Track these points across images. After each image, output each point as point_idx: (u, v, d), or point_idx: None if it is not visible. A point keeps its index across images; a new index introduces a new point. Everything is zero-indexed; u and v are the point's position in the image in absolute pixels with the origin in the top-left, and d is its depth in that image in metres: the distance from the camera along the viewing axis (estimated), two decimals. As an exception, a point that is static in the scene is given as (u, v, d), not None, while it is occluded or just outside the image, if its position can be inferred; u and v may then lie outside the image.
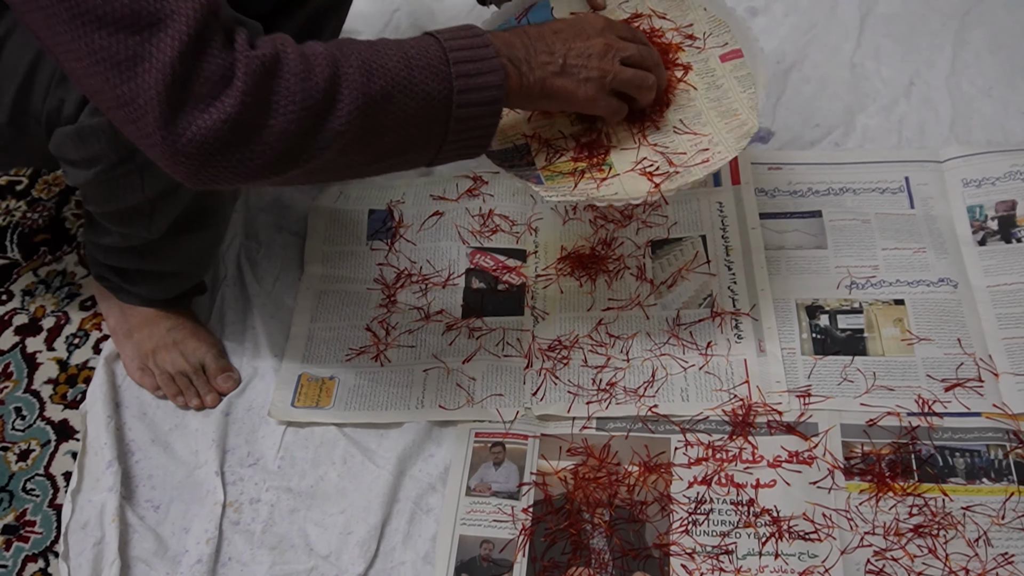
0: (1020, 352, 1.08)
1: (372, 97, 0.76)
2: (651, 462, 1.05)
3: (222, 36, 0.70)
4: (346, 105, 0.75)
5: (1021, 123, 1.30)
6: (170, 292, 1.17)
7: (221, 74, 0.69)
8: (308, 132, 0.74)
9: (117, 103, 0.69)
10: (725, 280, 1.18)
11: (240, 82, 0.70)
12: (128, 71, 0.68)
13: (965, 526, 0.97)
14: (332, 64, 0.74)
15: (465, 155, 0.87)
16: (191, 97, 0.69)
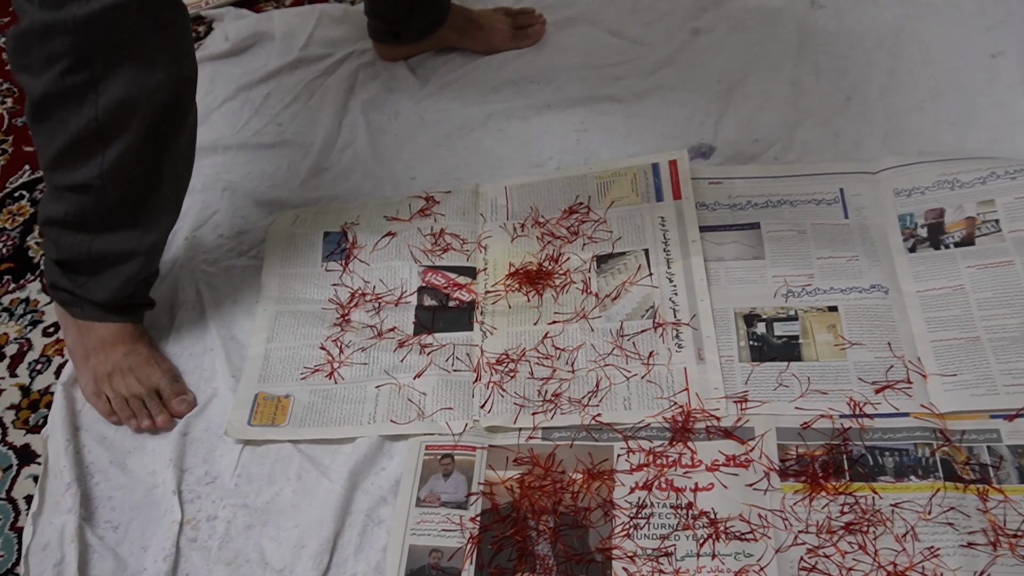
0: (947, 354, 1.12)
1: None
2: (594, 469, 1.09)
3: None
4: None
5: (951, 134, 1.35)
6: (119, 291, 1.18)
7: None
8: None
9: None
10: (667, 292, 1.22)
11: None
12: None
13: (893, 522, 1.01)
14: None
15: None
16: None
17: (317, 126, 1.54)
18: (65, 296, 1.19)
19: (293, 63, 1.64)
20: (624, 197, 1.33)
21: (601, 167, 1.38)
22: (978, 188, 1.25)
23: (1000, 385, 1.08)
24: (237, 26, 1.69)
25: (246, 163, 1.50)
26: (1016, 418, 1.05)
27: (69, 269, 1.16)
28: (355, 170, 1.46)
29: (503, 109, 1.51)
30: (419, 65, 1.60)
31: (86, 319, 1.20)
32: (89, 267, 1.15)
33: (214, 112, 1.58)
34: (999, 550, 0.97)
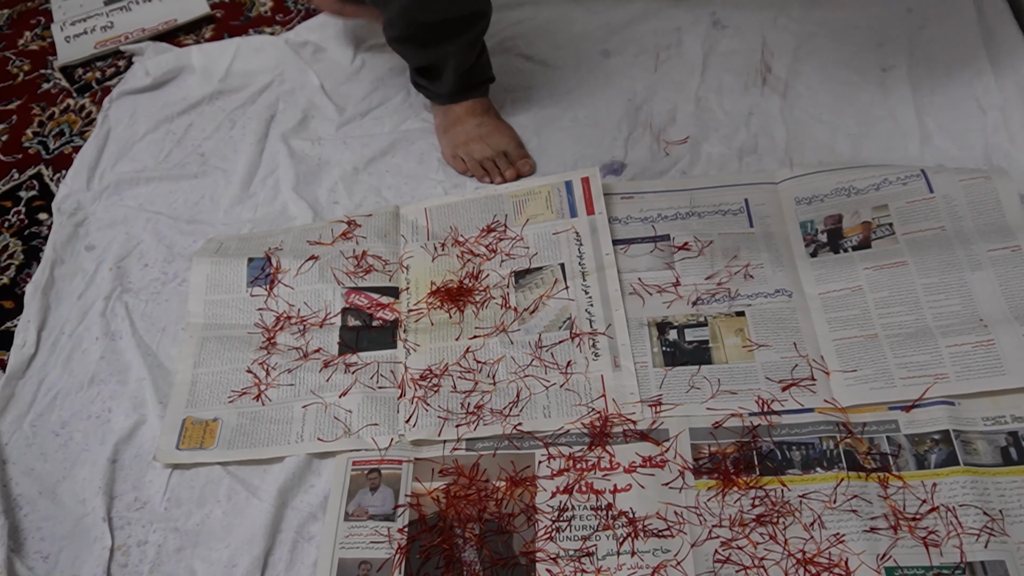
0: (848, 351, 1.18)
1: None
2: (517, 476, 1.13)
3: None
4: None
5: (847, 144, 1.42)
6: (456, 84, 1.44)
7: None
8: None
9: None
10: (583, 303, 1.26)
11: None
12: None
13: (802, 512, 1.06)
14: None
15: None
16: None
17: (239, 155, 1.56)
18: (424, 91, 1.49)
19: (213, 94, 1.66)
20: (539, 214, 1.37)
21: (516, 186, 1.42)
22: (872, 194, 1.32)
23: (897, 378, 1.14)
24: (157, 60, 1.71)
25: (169, 193, 1.52)
26: (913, 409, 1.11)
27: (419, 74, 1.45)
28: (277, 197, 1.49)
29: (422, 132, 1.54)
30: (335, 91, 1.63)
31: (443, 103, 1.48)
32: (429, 72, 1.43)
33: (136, 144, 1.60)
34: (899, 533, 1.02)
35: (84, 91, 1.74)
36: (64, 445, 1.23)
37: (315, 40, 1.71)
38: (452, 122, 1.48)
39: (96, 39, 1.81)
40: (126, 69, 1.75)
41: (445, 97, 1.47)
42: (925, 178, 1.31)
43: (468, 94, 1.47)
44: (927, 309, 1.19)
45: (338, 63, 1.68)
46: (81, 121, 1.69)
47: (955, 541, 1.00)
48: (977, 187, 1.28)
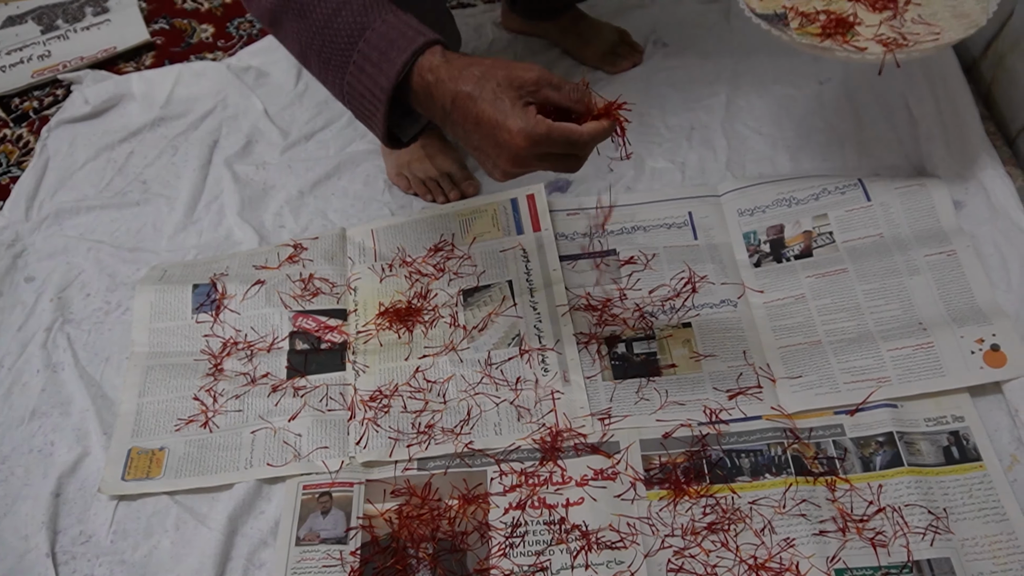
0: (793, 358, 1.20)
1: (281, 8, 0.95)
2: (469, 494, 1.12)
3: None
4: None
5: (787, 156, 1.45)
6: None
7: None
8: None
9: None
10: (531, 320, 1.27)
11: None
12: None
13: (752, 519, 1.07)
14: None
15: (377, 135, 0.96)
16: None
17: (182, 181, 1.55)
18: None
19: (155, 121, 1.65)
20: (486, 232, 1.38)
21: (463, 205, 1.43)
22: (812, 204, 1.34)
23: (841, 383, 1.15)
24: (96, 89, 1.69)
25: (111, 222, 1.50)
26: (857, 412, 1.13)
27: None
28: (222, 222, 1.48)
29: (367, 154, 1.54)
30: (279, 115, 1.63)
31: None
32: None
33: (76, 173, 1.58)
34: (848, 535, 1.04)
35: (21, 121, 1.72)
36: (5, 480, 1.20)
37: (258, 65, 1.71)
38: None
39: (33, 68, 1.79)
40: (64, 98, 1.73)
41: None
42: (862, 187, 1.33)
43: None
44: (868, 315, 1.21)
45: (281, 87, 1.68)
46: (19, 151, 1.66)
47: (902, 540, 1.02)
48: (912, 194, 1.31)
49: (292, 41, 0.97)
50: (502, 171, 0.90)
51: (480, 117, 0.87)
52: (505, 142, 0.87)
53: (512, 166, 0.89)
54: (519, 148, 0.86)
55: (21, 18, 1.89)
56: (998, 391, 1.13)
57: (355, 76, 0.91)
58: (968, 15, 1.17)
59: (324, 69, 0.95)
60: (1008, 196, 1.28)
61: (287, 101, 1.65)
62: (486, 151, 0.90)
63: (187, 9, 1.91)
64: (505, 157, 0.88)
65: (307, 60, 0.97)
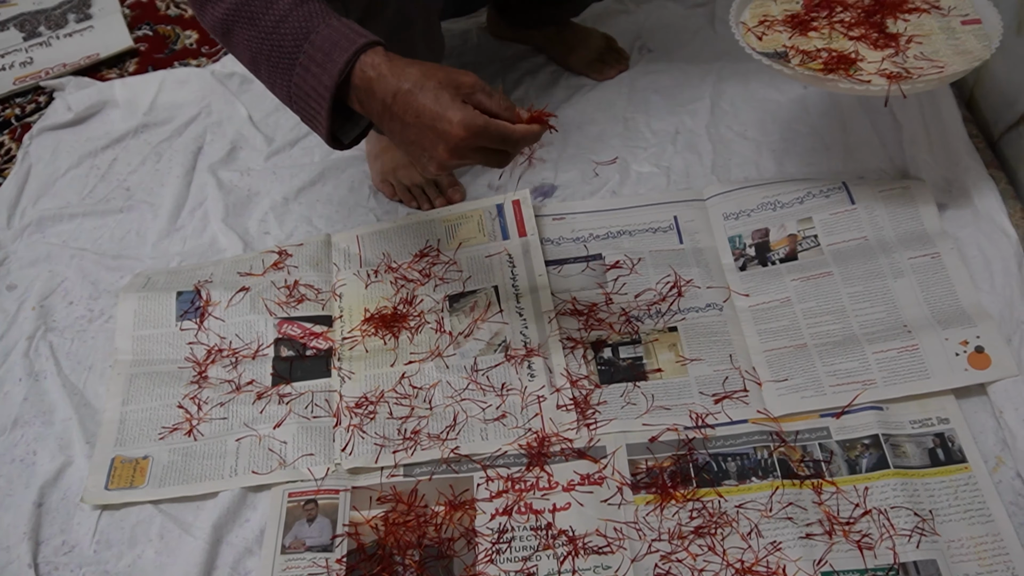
0: (778, 362, 1.20)
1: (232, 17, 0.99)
2: (456, 500, 1.12)
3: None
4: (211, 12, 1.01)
5: (771, 160, 1.45)
6: None
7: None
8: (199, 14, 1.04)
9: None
10: (517, 325, 1.27)
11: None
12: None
13: (739, 522, 1.07)
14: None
15: (322, 135, 1.01)
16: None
17: (166, 188, 1.54)
18: None
19: (138, 128, 1.64)
20: (472, 238, 1.37)
21: (448, 211, 1.42)
22: (797, 207, 1.34)
23: (827, 386, 1.16)
24: (79, 96, 1.69)
25: (94, 229, 1.49)
26: (843, 415, 1.13)
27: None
28: (206, 229, 1.47)
29: (352, 160, 1.54)
30: (264, 122, 1.63)
31: (379, 132, 1.29)
32: None
33: (58, 181, 1.57)
34: (835, 537, 1.04)
35: (3, 128, 1.71)
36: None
37: (242, 71, 1.70)
38: (384, 148, 1.47)
39: (15, 75, 1.78)
40: (47, 105, 1.73)
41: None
42: (847, 190, 1.34)
43: None
44: (853, 317, 1.21)
45: (266, 93, 1.62)
46: (0, 159, 1.65)
47: (888, 543, 1.02)
48: (896, 197, 1.31)
49: (243, 49, 1.01)
50: (438, 162, 0.94)
51: (421, 109, 0.92)
52: (445, 131, 0.91)
53: (449, 156, 0.92)
54: (458, 138, 0.91)
55: (3, 25, 1.88)
56: (983, 393, 1.13)
57: (301, 77, 0.96)
58: (970, 52, 1.18)
59: (272, 73, 1.00)
60: (991, 198, 1.28)
61: (271, 107, 1.65)
62: (423, 143, 0.94)
63: (171, 15, 1.91)
64: (443, 147, 0.92)
65: (257, 67, 1.02)
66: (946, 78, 1.16)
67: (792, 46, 1.22)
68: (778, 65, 1.19)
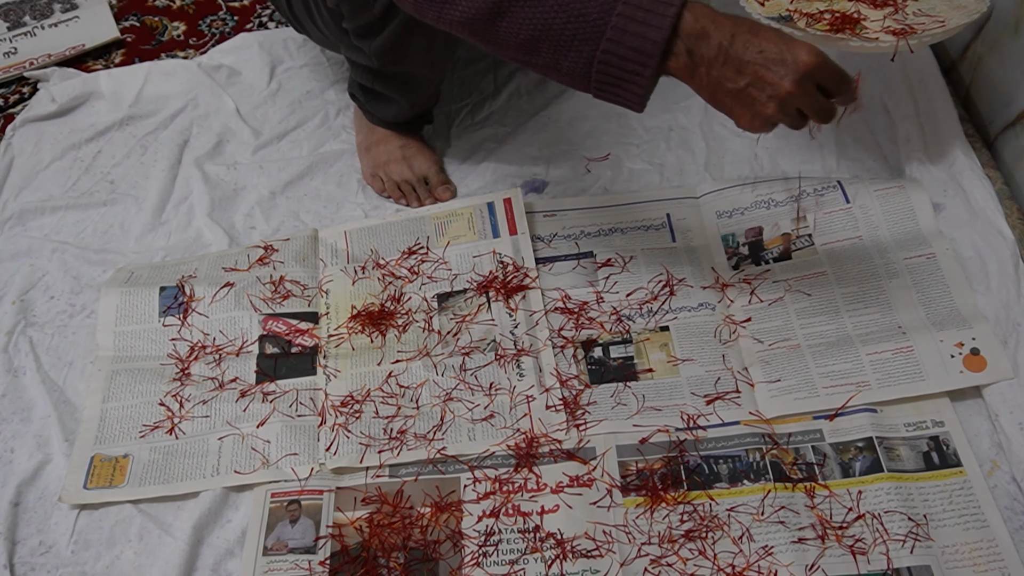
0: (771, 362, 1.18)
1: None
2: (442, 502, 1.10)
3: None
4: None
5: (765, 158, 1.43)
6: (399, 117, 1.40)
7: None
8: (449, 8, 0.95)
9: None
10: (507, 324, 1.24)
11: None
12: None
13: (730, 526, 1.05)
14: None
15: (623, 102, 0.95)
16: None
17: (151, 181, 1.51)
18: (359, 103, 1.44)
19: (124, 120, 1.61)
20: (462, 235, 1.35)
21: (438, 208, 1.40)
22: (791, 206, 1.33)
23: (820, 388, 1.14)
24: (63, 87, 1.66)
25: (76, 223, 1.46)
26: (836, 417, 1.12)
27: (361, 88, 1.38)
28: (191, 224, 1.44)
29: (341, 154, 1.52)
30: (251, 115, 1.60)
31: (373, 123, 1.43)
32: (372, 94, 1.38)
33: (41, 173, 1.54)
34: (827, 542, 1.02)
35: (-14, 119, 1.68)
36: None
37: (229, 63, 1.68)
38: (376, 141, 1.45)
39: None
40: (31, 96, 1.70)
41: (380, 120, 1.43)
42: (841, 189, 1.32)
43: (405, 127, 1.44)
44: (847, 318, 1.20)
45: (253, 86, 1.65)
46: (-17, 150, 1.62)
47: (881, 548, 1.00)
48: (892, 197, 1.30)
49: (519, 30, 0.92)
50: (779, 100, 0.91)
51: (765, 45, 0.90)
52: (795, 61, 0.89)
53: (795, 87, 0.90)
54: (809, 65, 0.89)
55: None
56: (978, 395, 1.11)
57: (613, 42, 0.89)
58: (965, 6, 1.19)
59: (564, 48, 0.92)
60: (987, 198, 1.27)
61: (259, 100, 1.62)
62: (763, 82, 0.90)
63: (158, 6, 1.88)
64: (791, 79, 0.89)
65: (538, 46, 0.93)
66: (949, 31, 1.16)
67: (795, 9, 1.24)
68: (788, 28, 1.16)
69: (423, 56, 1.27)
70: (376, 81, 1.34)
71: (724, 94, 0.93)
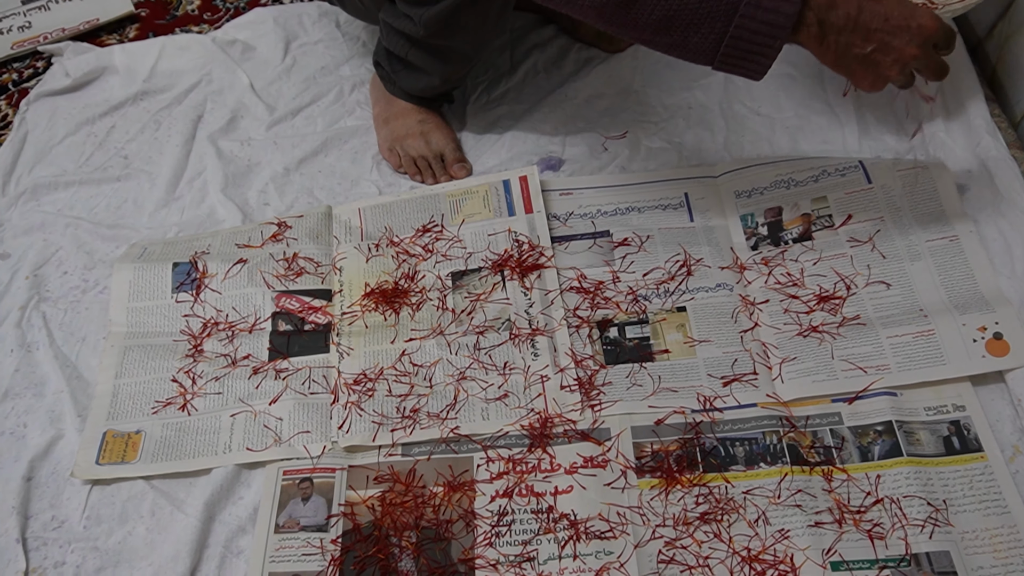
0: (788, 345, 1.16)
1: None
2: (455, 481, 1.09)
3: None
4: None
5: (785, 137, 1.41)
6: (426, 91, 1.39)
7: None
8: None
9: None
10: (521, 303, 1.23)
11: None
12: None
13: (746, 509, 1.04)
14: None
15: (745, 73, 0.99)
16: None
17: (164, 157, 1.50)
18: (383, 73, 1.41)
19: (137, 95, 1.60)
20: (477, 213, 1.34)
21: (453, 186, 1.39)
22: (811, 186, 1.31)
23: (839, 371, 1.12)
24: (77, 61, 1.65)
25: (90, 198, 1.46)
26: (855, 400, 1.10)
27: (391, 56, 1.36)
28: (205, 200, 1.43)
29: (356, 130, 1.50)
30: (265, 90, 1.59)
31: (394, 95, 1.41)
32: (403, 64, 1.35)
33: (55, 148, 1.54)
34: (845, 526, 1.01)
35: (0, 93, 1.67)
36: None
37: (244, 38, 1.66)
38: (395, 114, 1.43)
39: (13, 39, 1.74)
40: (45, 70, 1.69)
41: (402, 92, 1.41)
42: (863, 169, 1.30)
43: (427, 102, 1.43)
44: (868, 301, 1.18)
45: (268, 62, 1.64)
46: (-3, 125, 1.62)
47: (900, 533, 0.99)
48: (914, 177, 1.27)
49: (653, 10, 0.95)
50: (903, 63, 0.98)
51: (889, 13, 0.96)
52: (920, 26, 0.96)
53: (920, 51, 0.97)
54: (932, 29, 0.97)
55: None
56: (1000, 380, 1.09)
57: (748, 17, 0.93)
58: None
59: (694, 27, 0.95)
60: (1013, 180, 1.24)
61: (274, 76, 1.61)
62: (889, 47, 0.97)
63: (173, -19, 1.86)
64: (916, 43, 0.96)
65: (668, 27, 0.96)
66: (969, 4, 1.15)
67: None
68: None
69: (473, 33, 1.26)
70: (413, 51, 1.32)
71: (851, 59, 0.98)
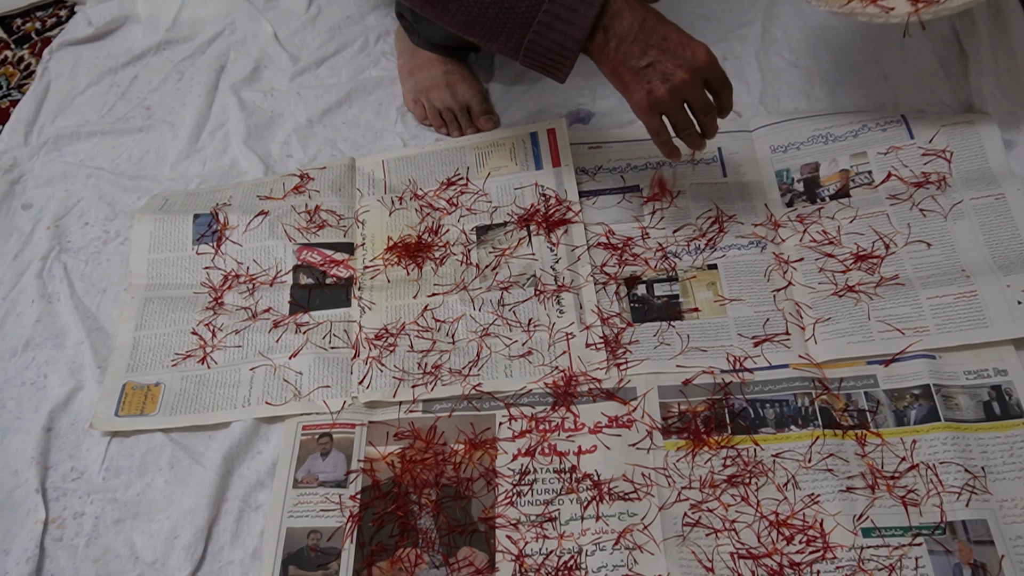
0: (823, 305, 1.12)
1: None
2: (476, 439, 1.07)
3: None
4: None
5: (825, 91, 1.36)
6: (450, 40, 1.34)
7: None
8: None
9: None
10: (548, 259, 1.20)
11: None
12: None
13: (775, 472, 1.01)
14: None
15: (546, 73, 1.04)
16: None
17: (187, 107, 1.48)
18: (406, 24, 1.39)
19: (160, 44, 1.58)
20: (503, 166, 1.30)
21: (479, 138, 1.35)
22: (851, 141, 1.26)
23: (875, 332, 1.08)
24: (100, 10, 1.63)
25: (112, 148, 1.44)
26: (892, 363, 1.06)
27: (413, 12, 1.33)
28: (227, 151, 1.41)
29: (380, 81, 1.47)
30: (289, 40, 1.56)
31: (418, 46, 1.38)
32: (426, 20, 1.26)
33: (77, 98, 1.52)
34: (877, 492, 0.97)
35: (23, 42, 1.65)
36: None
37: (268, -13, 1.63)
38: (420, 65, 1.40)
39: (36, -12, 1.72)
40: (67, 19, 1.67)
41: (426, 43, 1.38)
42: (906, 124, 1.25)
43: (452, 52, 1.39)
44: (907, 260, 1.13)
45: (292, 11, 1.60)
46: (19, 74, 1.60)
47: (935, 500, 0.95)
48: (959, 132, 1.22)
49: (457, 13, 1.01)
50: (671, 86, 1.00)
51: (668, 34, 1.00)
52: (691, 56, 1.00)
53: (689, 79, 1.00)
54: (702, 62, 1.00)
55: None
56: (1045, 344, 1.05)
57: (540, 34, 0.99)
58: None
59: (494, 34, 1.02)
60: (1064, 136, 1.18)
61: (298, 25, 1.58)
62: (660, 66, 1.00)
63: (197, -71, 1.82)
64: (684, 70, 0.99)
65: (471, 29, 1.03)
66: (968, 2, 1.09)
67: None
68: None
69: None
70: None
71: (625, 70, 1.01)
